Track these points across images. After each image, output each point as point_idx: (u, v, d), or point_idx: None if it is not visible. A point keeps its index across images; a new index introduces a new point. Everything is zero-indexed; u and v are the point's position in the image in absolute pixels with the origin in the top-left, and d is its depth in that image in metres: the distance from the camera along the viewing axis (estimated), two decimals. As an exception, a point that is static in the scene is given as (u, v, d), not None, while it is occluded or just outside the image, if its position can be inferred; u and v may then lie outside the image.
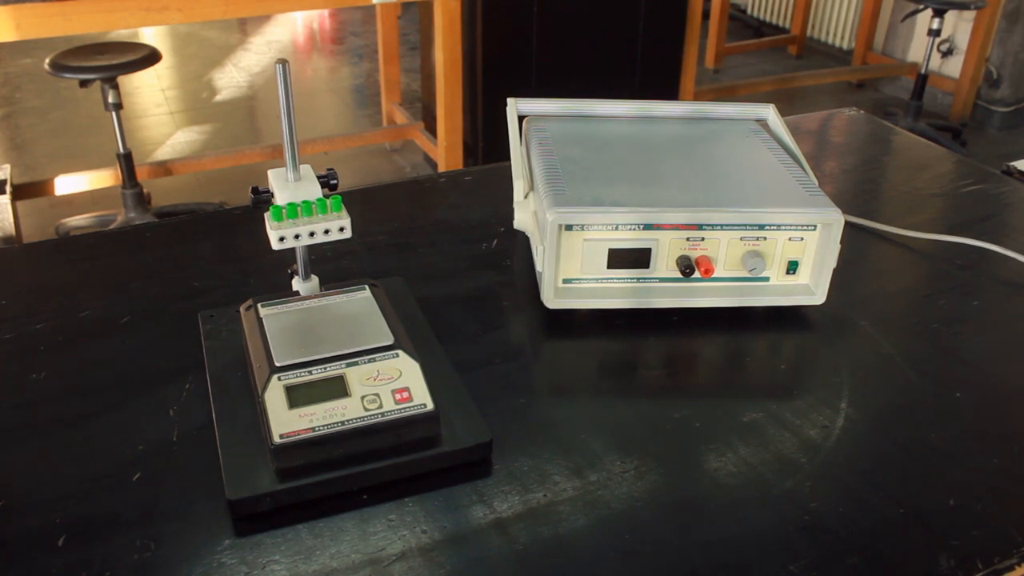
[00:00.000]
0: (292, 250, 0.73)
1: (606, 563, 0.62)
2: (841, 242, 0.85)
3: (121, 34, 3.98)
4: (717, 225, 0.85)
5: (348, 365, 0.69)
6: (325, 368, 0.68)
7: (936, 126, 3.54)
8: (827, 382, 0.81)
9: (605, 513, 0.66)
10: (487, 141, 2.91)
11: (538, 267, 0.87)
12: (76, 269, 0.78)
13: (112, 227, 2.51)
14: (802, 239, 0.87)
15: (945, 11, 3.28)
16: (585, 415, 0.76)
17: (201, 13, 2.28)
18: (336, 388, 0.67)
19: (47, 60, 2.48)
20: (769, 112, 1.05)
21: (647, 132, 1.02)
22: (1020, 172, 1.35)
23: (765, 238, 0.86)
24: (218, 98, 3.99)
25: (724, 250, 0.86)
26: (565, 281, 0.87)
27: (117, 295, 0.90)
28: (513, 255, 0.99)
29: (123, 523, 0.63)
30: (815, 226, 0.86)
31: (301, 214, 0.69)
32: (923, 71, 3.41)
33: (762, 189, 0.89)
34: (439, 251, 1.00)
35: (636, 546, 0.63)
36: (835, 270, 0.86)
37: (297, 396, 0.66)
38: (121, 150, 2.68)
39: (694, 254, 0.86)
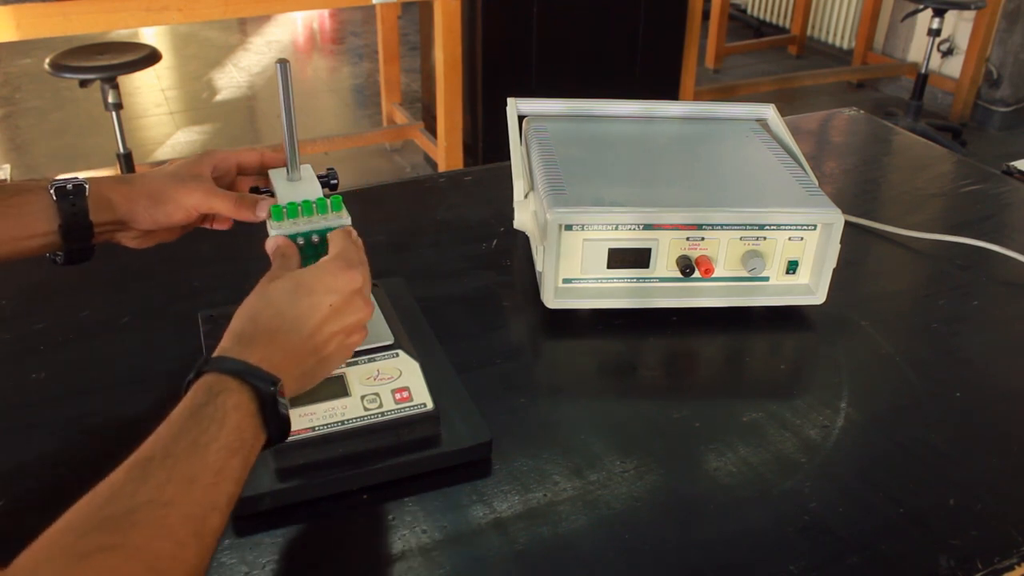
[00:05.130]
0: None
1: (606, 563, 0.62)
2: (841, 242, 0.85)
3: (121, 34, 3.98)
4: (717, 225, 0.85)
5: (348, 365, 0.69)
6: (325, 368, 0.68)
7: (936, 126, 3.53)
8: (827, 382, 0.81)
9: (605, 513, 0.66)
10: (487, 141, 2.90)
11: (538, 267, 0.87)
12: (76, 269, 0.79)
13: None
14: (802, 239, 0.87)
15: (945, 11, 3.28)
16: (585, 415, 0.76)
17: (201, 13, 2.27)
18: (336, 388, 0.67)
19: (47, 60, 2.48)
20: (769, 112, 1.05)
21: (647, 132, 1.02)
22: (1020, 172, 1.35)
23: (765, 238, 0.86)
24: (218, 98, 3.98)
25: (724, 250, 0.86)
26: (565, 281, 0.87)
27: (117, 295, 0.90)
28: (513, 255, 0.99)
29: (123, 523, 0.63)
30: (815, 226, 0.86)
31: (301, 214, 0.69)
32: (923, 71, 3.41)
33: (762, 189, 0.89)
34: (439, 251, 1.00)
35: (636, 546, 0.63)
36: (835, 270, 0.86)
37: (297, 395, 0.66)
38: (121, 150, 2.68)
39: (694, 254, 0.86)
